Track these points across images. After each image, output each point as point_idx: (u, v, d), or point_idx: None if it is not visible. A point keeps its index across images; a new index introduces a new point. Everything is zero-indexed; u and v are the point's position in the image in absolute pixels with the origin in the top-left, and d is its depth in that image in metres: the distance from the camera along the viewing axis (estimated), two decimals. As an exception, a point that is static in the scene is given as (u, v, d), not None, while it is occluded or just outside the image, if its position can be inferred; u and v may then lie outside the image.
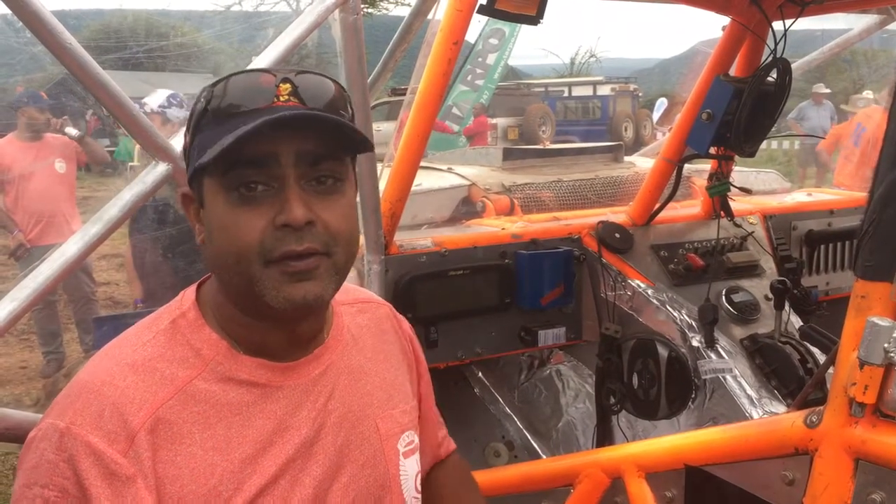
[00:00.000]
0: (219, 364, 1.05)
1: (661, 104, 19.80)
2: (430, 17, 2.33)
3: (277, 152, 0.98)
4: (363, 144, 1.05)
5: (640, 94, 24.37)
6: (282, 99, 1.00)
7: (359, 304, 1.28)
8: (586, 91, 23.27)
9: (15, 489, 0.98)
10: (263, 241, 0.98)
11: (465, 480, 1.45)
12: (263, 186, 0.99)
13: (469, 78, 17.17)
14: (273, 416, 1.05)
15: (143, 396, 0.99)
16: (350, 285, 1.31)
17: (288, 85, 1.01)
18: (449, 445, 1.44)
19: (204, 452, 1.00)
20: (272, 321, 1.06)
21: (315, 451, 1.08)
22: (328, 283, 1.03)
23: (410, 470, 1.21)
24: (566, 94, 23.58)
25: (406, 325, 1.35)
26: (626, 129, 20.40)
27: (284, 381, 1.08)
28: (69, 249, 1.51)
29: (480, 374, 2.83)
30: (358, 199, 1.17)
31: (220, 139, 0.97)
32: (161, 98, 4.30)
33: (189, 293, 1.11)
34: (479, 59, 17.31)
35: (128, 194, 1.59)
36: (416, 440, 1.24)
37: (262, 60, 1.73)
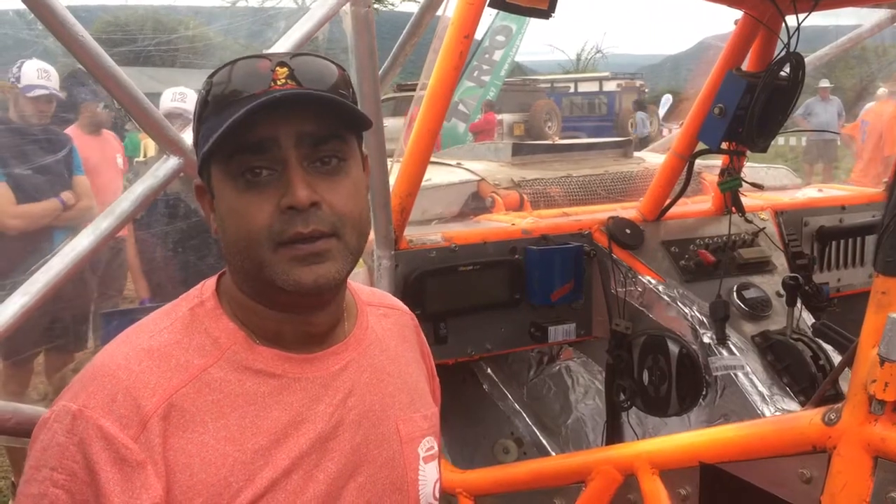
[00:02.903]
0: (235, 353, 1.04)
1: (667, 101, 19.76)
2: (439, 12, 2.32)
3: (277, 135, 0.98)
4: (364, 121, 1.04)
5: (647, 90, 24.31)
6: (279, 83, 0.99)
7: (384, 307, 1.26)
8: (592, 87, 23.20)
9: (25, 469, 0.97)
10: (272, 224, 0.98)
11: None
12: (268, 171, 0.99)
13: (475, 74, 17.14)
14: (290, 407, 1.04)
15: (157, 382, 0.98)
16: (377, 290, 1.32)
17: (285, 69, 1.00)
18: None
19: (216, 442, 0.99)
20: (286, 310, 1.05)
21: (331, 448, 1.06)
22: (341, 265, 1.02)
23: (430, 476, 1.18)
24: (572, 91, 23.52)
25: (424, 339, 1.34)
26: (632, 126, 20.35)
27: (302, 372, 1.07)
28: (81, 243, 1.51)
29: (489, 370, 2.82)
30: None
31: (220, 128, 0.97)
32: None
33: (209, 283, 1.11)
34: (486, 56, 17.28)
35: (140, 188, 1.58)
36: (436, 447, 1.21)
37: (273, 54, 1.72)
